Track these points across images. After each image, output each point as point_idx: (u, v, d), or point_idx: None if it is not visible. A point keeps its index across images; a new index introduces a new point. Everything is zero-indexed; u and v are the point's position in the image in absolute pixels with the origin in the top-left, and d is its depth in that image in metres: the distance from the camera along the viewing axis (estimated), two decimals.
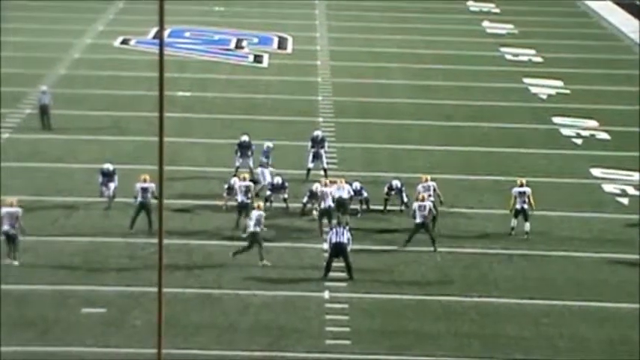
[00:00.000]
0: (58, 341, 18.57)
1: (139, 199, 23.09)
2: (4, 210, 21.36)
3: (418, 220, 22.67)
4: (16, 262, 21.32)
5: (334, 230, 21.60)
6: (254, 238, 21.67)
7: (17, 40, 41.83)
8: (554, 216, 25.04)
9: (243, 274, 21.41)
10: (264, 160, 26.01)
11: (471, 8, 52.19)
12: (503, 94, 36.49)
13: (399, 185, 24.64)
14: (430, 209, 22.78)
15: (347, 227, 22.09)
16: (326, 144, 27.11)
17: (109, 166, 24.66)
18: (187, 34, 44.42)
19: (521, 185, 23.64)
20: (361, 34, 45.10)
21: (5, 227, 21.21)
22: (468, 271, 22.04)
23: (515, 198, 23.52)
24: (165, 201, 14.36)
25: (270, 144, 26.49)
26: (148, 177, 23.34)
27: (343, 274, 21.42)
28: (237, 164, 26.41)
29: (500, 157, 29.59)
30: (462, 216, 24.92)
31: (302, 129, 30.31)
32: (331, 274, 21.43)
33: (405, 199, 24.52)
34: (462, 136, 31.47)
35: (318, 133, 27.38)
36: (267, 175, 25.58)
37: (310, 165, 26.48)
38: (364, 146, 29.87)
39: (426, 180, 23.93)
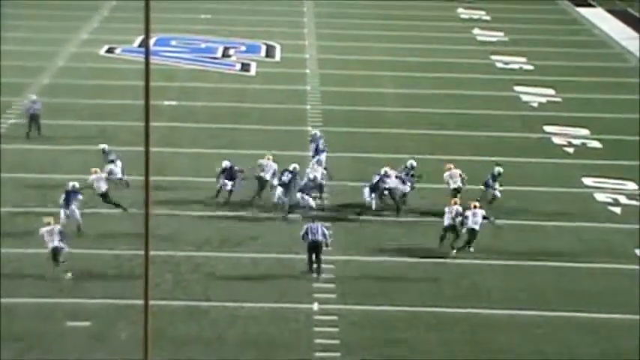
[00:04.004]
0: (43, 356, 18.53)
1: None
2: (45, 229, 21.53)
3: (446, 222, 23.02)
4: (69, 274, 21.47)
5: (309, 227, 21.92)
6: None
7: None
8: (545, 226, 25.14)
9: (231, 286, 21.43)
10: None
11: (462, 16, 52.40)
12: (494, 102, 36.64)
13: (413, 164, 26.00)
14: (459, 213, 23.08)
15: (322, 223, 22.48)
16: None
17: (75, 184, 24.24)
18: (174, 43, 44.46)
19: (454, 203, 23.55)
20: (350, 42, 45.20)
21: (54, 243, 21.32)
22: (460, 281, 22.11)
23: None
24: (152, 211, 14.35)
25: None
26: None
27: (332, 286, 21.46)
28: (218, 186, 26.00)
29: (491, 166, 29.64)
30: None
31: (290, 138, 30.35)
32: (320, 285, 21.48)
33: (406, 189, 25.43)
34: (453, 145, 31.57)
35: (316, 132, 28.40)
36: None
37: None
38: (353, 155, 29.94)
39: (454, 203, 23.62)
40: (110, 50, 42.80)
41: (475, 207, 23.39)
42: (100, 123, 32.68)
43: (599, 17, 51.99)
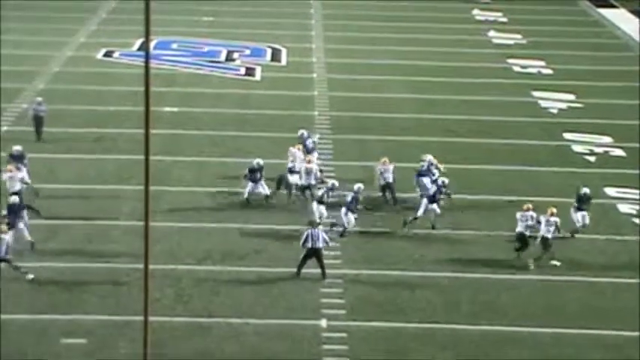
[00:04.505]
0: None
1: None
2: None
3: (518, 229, 23.29)
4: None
5: (310, 233, 22.14)
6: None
7: None
8: (565, 238, 25.04)
9: (235, 301, 21.42)
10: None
11: (477, 17, 52.45)
12: (510, 108, 36.62)
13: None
14: (534, 219, 23.36)
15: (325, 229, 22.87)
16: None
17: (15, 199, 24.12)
18: (175, 46, 44.56)
19: (527, 209, 23.76)
20: (360, 46, 45.27)
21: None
22: (475, 297, 22.07)
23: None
24: (152, 223, 14.38)
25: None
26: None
27: (341, 301, 21.45)
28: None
29: (508, 175, 29.64)
30: (467, 238, 24.95)
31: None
32: (328, 300, 21.47)
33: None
34: (467, 153, 31.55)
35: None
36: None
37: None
38: (362, 164, 29.94)
39: (528, 209, 23.86)
40: (108, 54, 42.92)
41: (552, 214, 23.40)
42: (98, 130, 32.75)
43: (621, 18, 51.97)
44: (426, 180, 26.27)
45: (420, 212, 25.05)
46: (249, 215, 25.96)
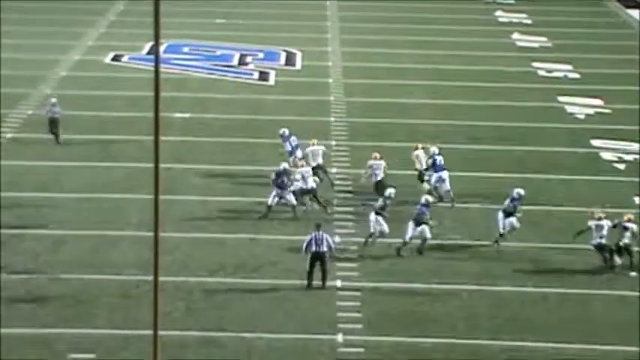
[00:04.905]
0: None
1: None
2: None
3: (595, 241, 23.45)
4: None
5: (314, 236, 22.30)
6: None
7: None
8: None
9: (248, 315, 21.48)
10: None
11: (500, 19, 52.43)
12: (535, 113, 36.60)
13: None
14: (610, 227, 23.46)
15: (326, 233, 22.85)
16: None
17: None
18: (186, 49, 44.74)
19: (599, 219, 23.76)
20: (378, 49, 45.32)
21: None
22: (498, 311, 22.06)
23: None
24: (162, 234, 14.45)
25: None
26: None
27: (358, 315, 21.49)
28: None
29: (533, 183, 29.60)
30: (490, 250, 24.93)
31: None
32: (345, 314, 21.50)
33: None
34: (490, 160, 31.54)
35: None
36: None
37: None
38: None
39: (600, 218, 23.89)
40: (116, 58, 43.12)
41: (629, 220, 23.42)
42: (106, 137, 32.91)
43: None
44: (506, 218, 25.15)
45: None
46: (262, 225, 26.03)
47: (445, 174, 27.81)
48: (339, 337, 20.67)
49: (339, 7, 54.01)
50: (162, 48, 42.16)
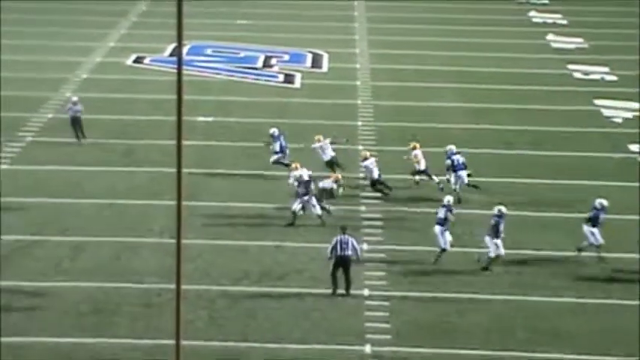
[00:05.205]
0: None
1: None
2: None
3: None
4: None
5: (339, 240, 22.32)
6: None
7: (16, 58, 42.48)
8: (634, 258, 24.85)
9: (273, 324, 21.49)
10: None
11: (534, 20, 52.27)
12: (571, 117, 36.45)
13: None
14: None
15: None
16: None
17: None
18: (209, 51, 44.88)
19: None
20: (407, 50, 45.28)
21: None
22: (532, 322, 21.95)
23: None
24: (184, 240, 14.49)
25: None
26: None
27: (386, 325, 21.45)
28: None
29: (570, 189, 29.48)
30: (527, 258, 24.83)
31: (339, 158, 30.39)
32: (373, 324, 21.48)
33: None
34: (524, 166, 31.42)
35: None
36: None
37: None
38: (410, 178, 29.88)
39: None
40: (138, 60, 43.31)
41: None
42: (127, 141, 33.04)
43: None
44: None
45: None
46: (288, 232, 26.04)
47: (464, 173, 28.12)
48: (367, 348, 20.64)
49: (367, 8, 54.04)
50: (184, 50, 42.31)
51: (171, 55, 43.62)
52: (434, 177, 28.95)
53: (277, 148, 30.09)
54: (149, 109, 36.14)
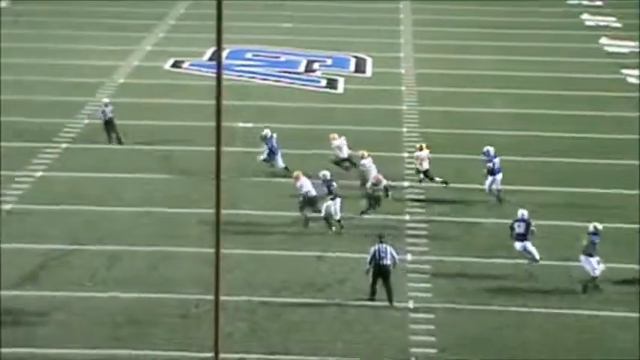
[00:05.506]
0: None
1: None
2: None
3: None
4: None
5: (378, 249, 22.35)
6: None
7: (51, 62, 42.86)
8: None
9: (315, 337, 21.46)
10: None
11: (587, 22, 51.95)
12: (625, 125, 36.13)
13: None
14: None
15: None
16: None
17: None
18: (249, 55, 45.00)
19: None
20: (453, 54, 45.16)
21: None
22: (584, 336, 21.75)
23: None
24: (223, 250, 14.50)
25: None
26: None
27: (432, 339, 21.34)
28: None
29: (624, 200, 29.20)
30: (577, 272, 24.62)
31: (383, 166, 30.35)
32: (418, 338, 21.39)
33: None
34: (573, 175, 31.17)
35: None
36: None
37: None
38: (457, 186, 29.79)
39: None
40: (177, 64, 43.52)
41: None
42: (165, 148, 33.18)
43: None
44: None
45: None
46: (329, 241, 26.02)
47: (499, 176, 28.49)
48: None
49: (413, 10, 53.97)
50: (224, 54, 42.46)
51: (210, 59, 43.81)
52: (436, 178, 29.46)
53: (266, 150, 30.35)
54: (187, 114, 36.28)
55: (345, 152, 30.54)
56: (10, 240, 25.75)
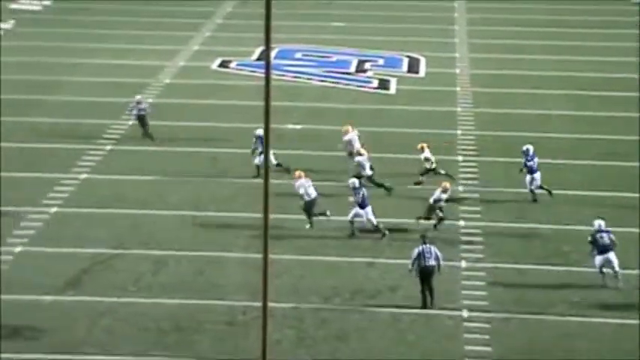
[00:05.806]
0: None
1: None
2: None
3: None
4: None
5: (422, 250, 22.42)
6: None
7: (97, 62, 43.19)
8: None
9: (365, 346, 21.38)
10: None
11: None
12: None
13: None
14: None
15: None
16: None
17: None
18: (299, 55, 45.04)
19: None
20: (509, 54, 44.92)
21: None
22: (622, 344, 21.48)
23: None
24: (271, 255, 14.49)
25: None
26: None
27: (487, 349, 21.20)
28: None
29: None
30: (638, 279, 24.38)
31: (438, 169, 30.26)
32: (472, 348, 21.26)
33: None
34: (631, 179, 30.78)
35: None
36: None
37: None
38: (513, 191, 29.59)
39: None
40: (224, 64, 43.66)
41: None
42: (211, 150, 33.27)
43: None
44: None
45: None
46: (380, 247, 25.94)
47: (538, 175, 28.86)
48: None
49: (468, 9, 53.76)
50: (273, 53, 42.54)
51: (258, 58, 43.89)
52: (441, 170, 29.83)
53: (260, 149, 30.14)
54: (234, 115, 36.36)
55: (356, 146, 30.51)
56: (55, 244, 25.93)
